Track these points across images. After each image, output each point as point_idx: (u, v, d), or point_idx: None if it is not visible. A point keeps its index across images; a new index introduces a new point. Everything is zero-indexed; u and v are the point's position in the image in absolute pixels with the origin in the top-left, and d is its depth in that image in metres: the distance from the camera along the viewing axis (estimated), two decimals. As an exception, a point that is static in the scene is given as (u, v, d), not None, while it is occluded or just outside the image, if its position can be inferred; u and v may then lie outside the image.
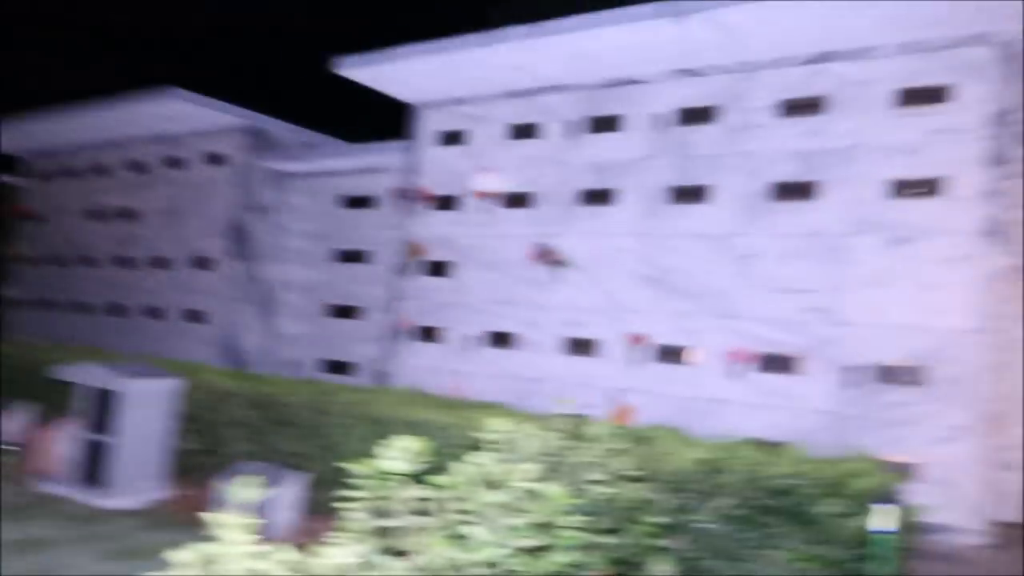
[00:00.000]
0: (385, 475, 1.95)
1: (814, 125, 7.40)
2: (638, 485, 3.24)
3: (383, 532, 1.92)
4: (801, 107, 7.47)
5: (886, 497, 3.53)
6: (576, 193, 8.61)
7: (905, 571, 3.83)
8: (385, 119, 11.52)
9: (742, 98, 7.76)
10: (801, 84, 7.48)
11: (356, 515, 1.93)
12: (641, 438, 4.28)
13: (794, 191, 7.44)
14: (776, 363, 7.39)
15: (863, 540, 3.62)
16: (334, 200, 11.64)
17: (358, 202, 11.34)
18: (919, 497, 6.58)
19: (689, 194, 7.97)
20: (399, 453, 1.97)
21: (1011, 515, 7.30)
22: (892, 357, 6.88)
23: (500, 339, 8.91)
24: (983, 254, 6.59)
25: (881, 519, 3.54)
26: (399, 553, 1.89)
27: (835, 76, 7.31)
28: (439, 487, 2.03)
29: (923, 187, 6.87)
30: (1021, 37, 6.55)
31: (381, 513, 1.92)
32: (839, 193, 7.22)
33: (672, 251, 8.00)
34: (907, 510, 4.01)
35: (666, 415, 7.62)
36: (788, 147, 7.50)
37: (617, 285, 8.26)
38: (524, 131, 9.07)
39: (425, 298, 9.51)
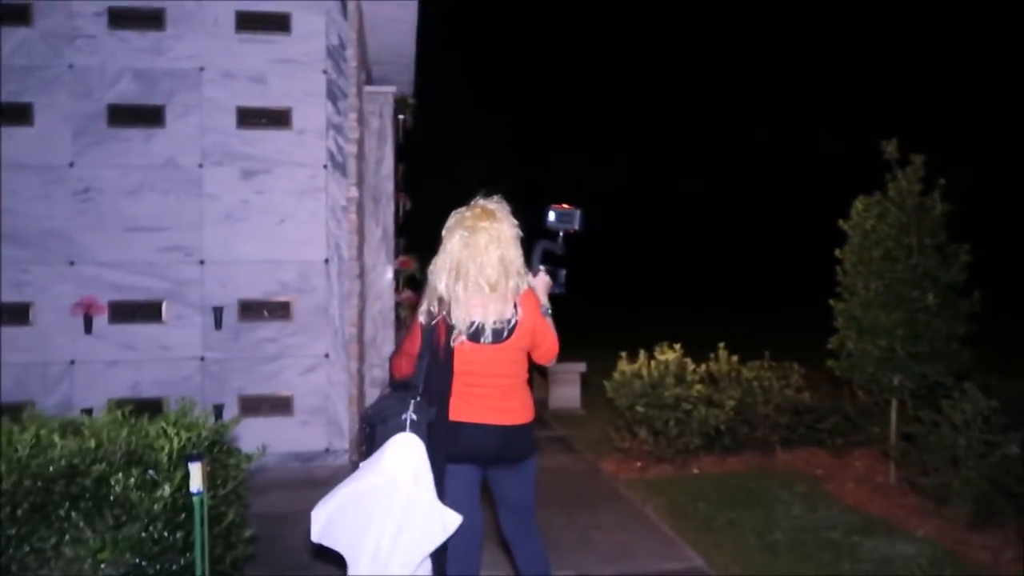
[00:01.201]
0: None
1: (157, 42, 6.61)
2: None
3: None
4: (138, 19, 6.58)
5: (198, 455, 3.14)
6: None
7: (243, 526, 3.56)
8: None
9: None
10: (137, -7, 6.57)
11: None
12: None
13: (139, 116, 6.58)
14: (135, 311, 6.58)
15: (182, 507, 3.18)
16: None
17: None
18: (298, 428, 6.68)
19: (9, 115, 6.43)
20: None
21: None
22: (256, 293, 6.72)
23: None
24: (329, 187, 6.82)
25: (195, 478, 3.13)
26: None
27: (174, -12, 6.62)
28: None
29: (272, 117, 6.74)
30: (351, -25, 6.81)
31: None
32: (189, 120, 6.64)
33: (-9, 186, 6.41)
34: (252, 453, 3.75)
35: (5, 388, 6.25)
36: (127, 64, 6.57)
37: (-85, 232, 6.31)
38: None
39: None
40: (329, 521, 2.83)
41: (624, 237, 29.25)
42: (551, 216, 3.04)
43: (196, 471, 3.10)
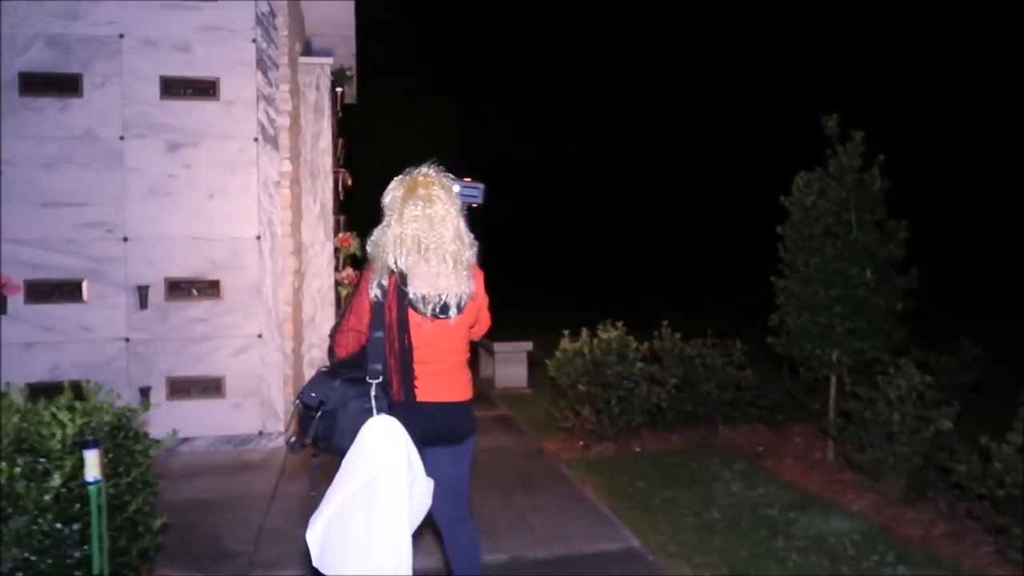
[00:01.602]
0: None
1: (71, 7, 6.23)
2: None
3: None
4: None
5: (95, 441, 2.92)
6: None
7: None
8: None
9: (-28, -40, 6.08)
10: (51, -47, 6.18)
11: None
12: None
13: (55, 85, 6.21)
14: (55, 291, 6.24)
15: (77, 497, 2.97)
16: None
17: None
18: (231, 411, 6.44)
19: (-94, 82, 6.02)
20: None
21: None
22: (184, 272, 6.43)
23: None
24: (260, 161, 6.54)
25: (91, 466, 2.92)
26: None
27: (92, -51, 6.23)
28: None
29: (199, 88, 6.43)
30: (281, -62, 6.50)
31: None
32: (108, 90, 6.29)
33: None
34: (163, 439, 3.54)
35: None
36: (40, 30, 6.18)
37: None
38: None
39: None
40: (326, 540, 2.57)
41: (574, 223, 29.20)
42: (455, 188, 2.88)
43: (92, 459, 2.89)
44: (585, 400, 6.35)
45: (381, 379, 2.77)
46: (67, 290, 6.27)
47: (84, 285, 6.28)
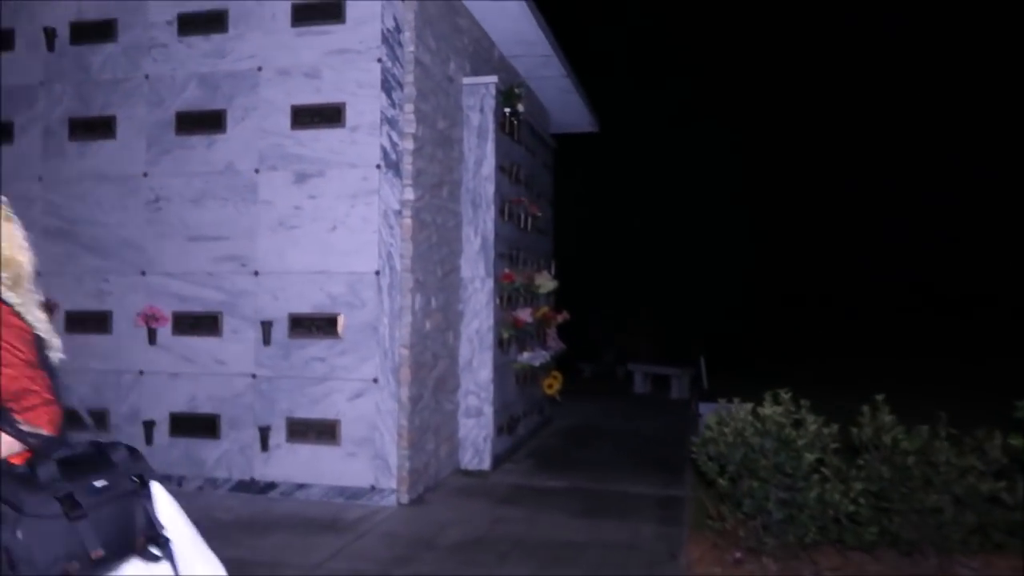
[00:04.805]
0: None
1: (219, 44, 6.32)
2: None
3: None
4: (203, 22, 6.34)
5: None
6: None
7: None
8: None
9: (143, 11, 6.46)
10: (203, -5, 6.35)
11: None
12: None
13: (202, 122, 6.33)
14: (194, 323, 6.32)
15: None
16: None
17: None
18: (344, 460, 5.95)
19: (91, 127, 6.55)
20: None
21: (477, 463, 7.05)
22: (306, 307, 6.11)
23: None
24: (382, 189, 5.99)
25: None
26: None
27: (233, -14, 6.28)
28: None
29: (325, 115, 6.09)
30: (410, -54, 5.96)
31: None
32: (247, 123, 6.24)
33: (79, 198, 6.57)
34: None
35: (84, 394, 6.32)
36: (193, 70, 6.36)
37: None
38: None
39: None
40: None
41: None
42: None
43: None
44: (731, 497, 4.66)
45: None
46: (206, 323, 6.30)
47: (220, 318, 6.26)
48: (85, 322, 6.48)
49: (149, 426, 6.32)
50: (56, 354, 2.24)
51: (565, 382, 8.93)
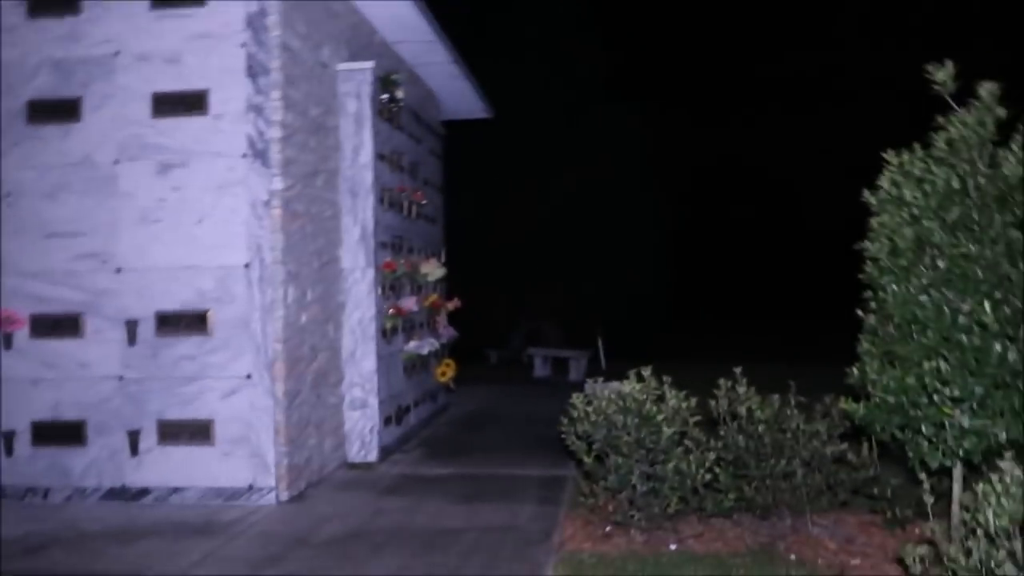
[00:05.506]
0: None
1: (73, 27, 6.00)
2: None
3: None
4: (55, 3, 5.99)
5: None
6: None
7: None
8: None
9: (-15, -7, 6.07)
10: (53, -24, 6.00)
11: None
12: None
13: (56, 110, 6.00)
14: (54, 325, 6.00)
15: None
16: None
17: None
18: (220, 460, 5.78)
19: (-63, 119, 6.14)
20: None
21: (364, 456, 6.97)
22: (174, 304, 5.90)
23: None
24: (249, 179, 5.83)
25: None
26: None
27: (85, -33, 5.97)
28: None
29: (188, 102, 5.88)
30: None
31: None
32: (104, 111, 5.95)
33: (-78, 195, 6.14)
34: None
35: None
36: (46, 55, 6.02)
37: None
38: None
39: None
40: None
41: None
42: None
43: None
44: (598, 474, 4.78)
45: None
46: (67, 325, 6.00)
47: (81, 319, 5.98)
48: (-68, 328, 6.08)
49: (9, 437, 5.98)
50: None
51: (470, 369, 8.95)
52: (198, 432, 5.84)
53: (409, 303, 7.60)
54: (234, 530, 5.17)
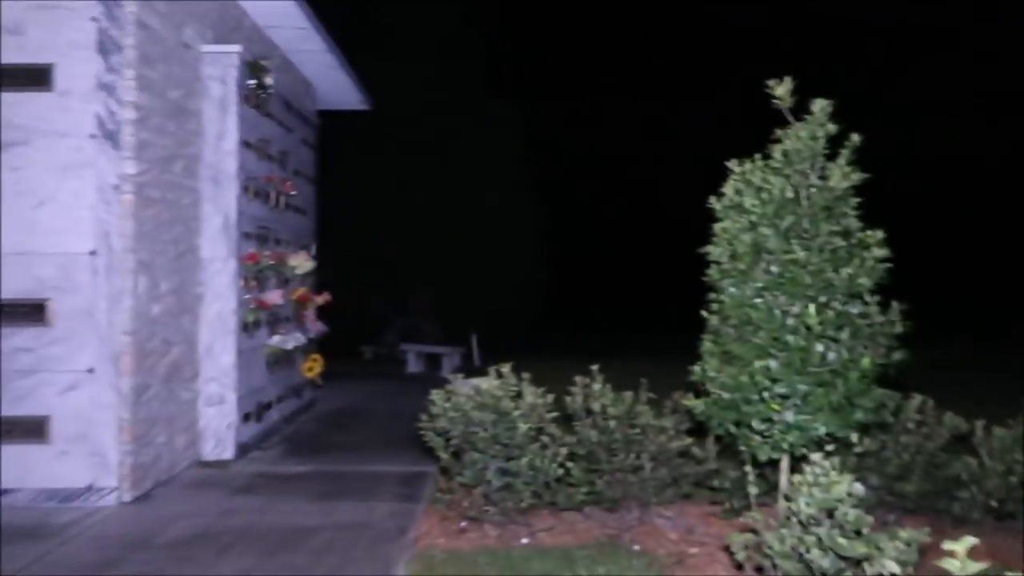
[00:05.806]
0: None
1: None
2: None
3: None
4: None
5: None
6: None
7: None
8: None
9: None
10: None
11: None
12: None
13: None
14: None
15: None
16: None
17: None
18: (56, 460, 5.40)
19: None
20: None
21: (219, 453, 6.69)
22: (9, 292, 5.48)
23: None
24: (98, 161, 5.50)
25: None
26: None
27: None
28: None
29: (32, 76, 5.48)
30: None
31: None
32: (-68, 81, 5.47)
33: None
34: None
35: None
36: None
37: None
38: None
39: None
40: None
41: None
42: None
43: None
44: (454, 470, 4.82)
45: None
46: None
47: (-101, 306, 5.45)
48: None
49: None
50: None
51: (343, 365, 8.77)
52: (32, 429, 5.45)
53: (274, 296, 7.39)
54: (68, 533, 4.86)
